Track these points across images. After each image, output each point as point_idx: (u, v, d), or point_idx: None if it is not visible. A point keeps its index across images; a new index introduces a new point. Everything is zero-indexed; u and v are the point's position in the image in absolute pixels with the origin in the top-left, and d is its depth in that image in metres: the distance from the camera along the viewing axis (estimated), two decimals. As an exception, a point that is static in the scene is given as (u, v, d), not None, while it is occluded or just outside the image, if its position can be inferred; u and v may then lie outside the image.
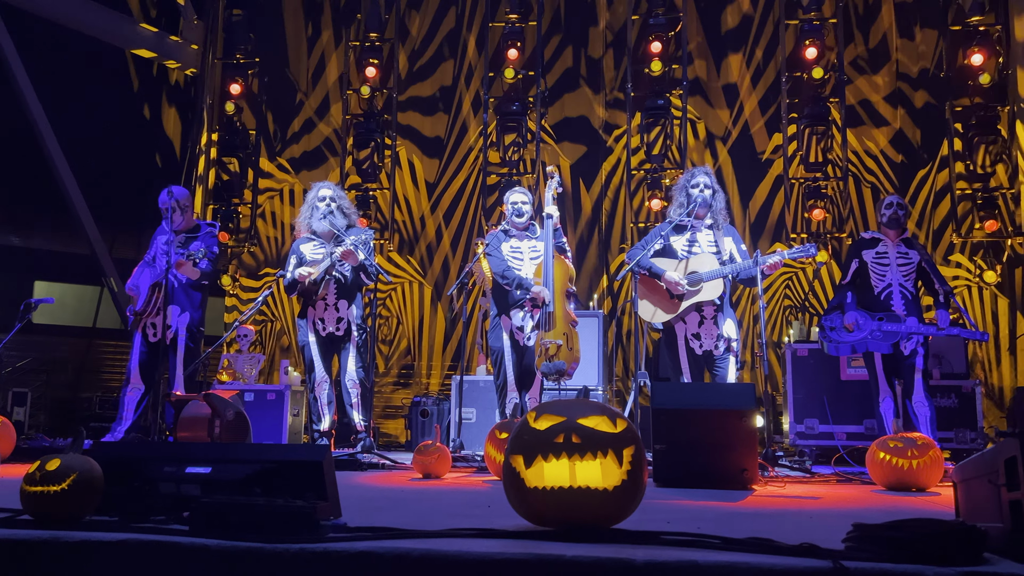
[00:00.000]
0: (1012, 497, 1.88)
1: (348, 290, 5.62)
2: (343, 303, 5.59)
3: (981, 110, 7.66)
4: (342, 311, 5.60)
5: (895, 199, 5.46)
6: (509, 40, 8.40)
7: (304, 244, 5.72)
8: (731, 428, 3.88)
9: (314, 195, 5.76)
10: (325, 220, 5.61)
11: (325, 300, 5.59)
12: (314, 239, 5.70)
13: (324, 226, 5.60)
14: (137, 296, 5.72)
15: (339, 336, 5.62)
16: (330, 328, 5.59)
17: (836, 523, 2.47)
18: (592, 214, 8.53)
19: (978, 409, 6.24)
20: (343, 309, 5.60)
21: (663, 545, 2.08)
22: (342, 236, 5.51)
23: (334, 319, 5.60)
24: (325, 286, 5.57)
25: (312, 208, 5.70)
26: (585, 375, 6.42)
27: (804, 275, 8.04)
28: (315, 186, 5.87)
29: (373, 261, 5.65)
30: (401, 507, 3.14)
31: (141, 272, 5.82)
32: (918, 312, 5.29)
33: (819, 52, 7.89)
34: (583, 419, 2.29)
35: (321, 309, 5.61)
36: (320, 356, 5.62)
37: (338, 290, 5.59)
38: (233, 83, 8.77)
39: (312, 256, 5.61)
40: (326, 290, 5.57)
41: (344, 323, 5.60)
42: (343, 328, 5.60)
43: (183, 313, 5.75)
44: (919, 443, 3.94)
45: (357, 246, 5.45)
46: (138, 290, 5.72)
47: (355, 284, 5.67)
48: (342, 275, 5.59)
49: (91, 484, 2.31)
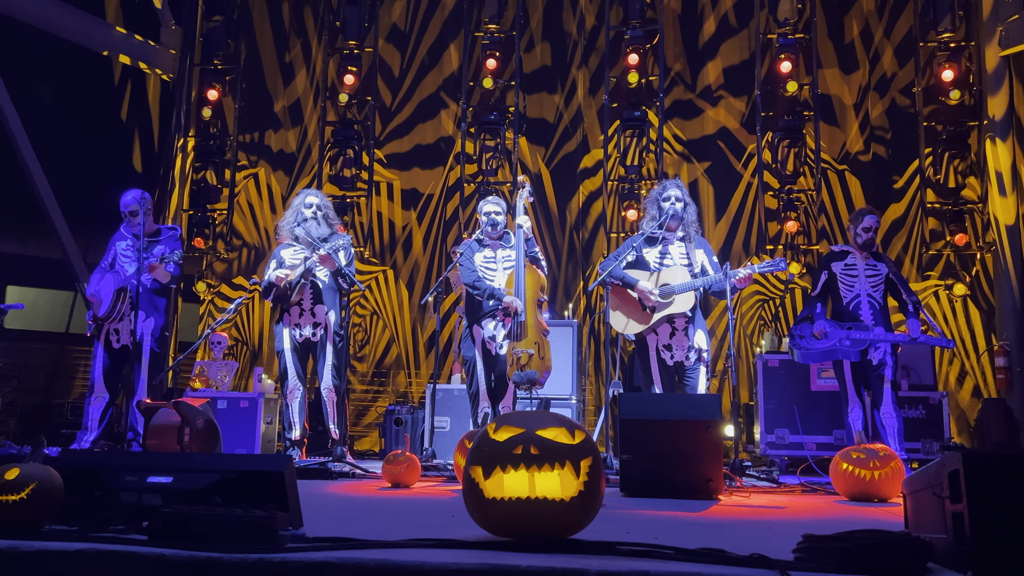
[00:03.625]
0: (955, 509, 1.93)
1: (325, 296, 5.64)
2: (320, 308, 5.60)
3: (952, 125, 7.78)
4: (319, 316, 5.61)
5: (874, 222, 5.47)
6: (488, 50, 8.44)
7: (284, 249, 5.75)
8: (697, 439, 3.92)
9: (300, 201, 5.78)
10: (300, 228, 5.64)
11: (300, 305, 5.61)
12: (295, 244, 5.74)
13: (302, 233, 5.63)
14: (99, 303, 5.67)
15: (314, 342, 5.63)
16: (306, 334, 5.60)
17: (793, 533, 2.50)
18: (568, 224, 8.57)
19: (945, 420, 6.34)
20: (320, 314, 5.61)
21: (618, 555, 2.11)
22: (317, 244, 5.53)
23: (310, 324, 5.61)
24: (300, 291, 5.59)
25: (296, 213, 5.73)
26: (559, 384, 6.46)
27: (775, 288, 8.11)
28: (301, 192, 5.90)
29: (353, 268, 5.68)
30: (365, 517, 3.16)
31: (101, 278, 5.77)
32: (886, 322, 5.38)
33: (793, 66, 7.99)
34: (542, 431, 2.32)
35: (296, 314, 5.63)
36: (294, 364, 5.63)
37: (314, 295, 5.61)
38: (211, 89, 8.76)
39: (291, 261, 5.64)
40: (300, 295, 5.59)
41: (320, 328, 5.61)
42: (319, 334, 5.61)
43: (148, 318, 5.73)
44: (881, 454, 4.00)
45: (335, 252, 5.48)
46: (99, 296, 5.68)
47: (333, 289, 5.68)
48: (319, 281, 5.60)
49: (50, 493, 2.31)
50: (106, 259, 5.91)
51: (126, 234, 5.90)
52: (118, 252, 5.87)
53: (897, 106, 8.20)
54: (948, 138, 7.77)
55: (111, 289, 5.66)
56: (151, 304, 5.77)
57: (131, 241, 5.81)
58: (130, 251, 5.80)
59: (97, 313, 5.67)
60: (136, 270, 5.53)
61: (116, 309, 5.62)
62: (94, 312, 5.71)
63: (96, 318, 5.69)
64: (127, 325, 5.68)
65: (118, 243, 5.91)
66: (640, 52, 8.21)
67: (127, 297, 5.62)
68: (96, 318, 5.69)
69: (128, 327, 5.67)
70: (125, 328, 5.71)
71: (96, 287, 5.74)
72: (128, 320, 5.66)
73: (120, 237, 5.93)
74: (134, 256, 5.72)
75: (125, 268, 5.77)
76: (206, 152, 8.82)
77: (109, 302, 5.63)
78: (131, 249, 5.79)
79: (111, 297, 5.64)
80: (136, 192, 5.84)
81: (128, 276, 5.69)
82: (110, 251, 5.92)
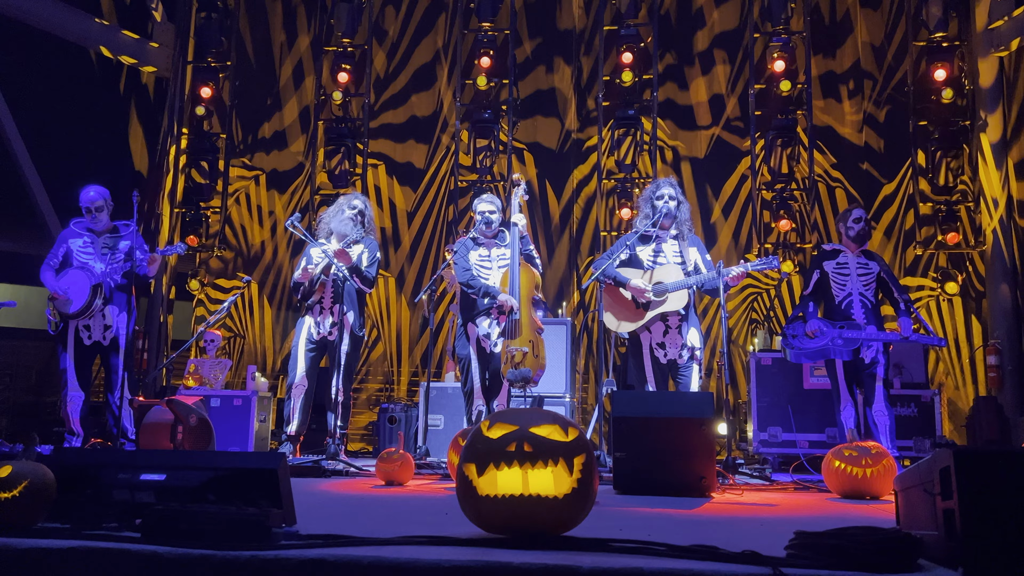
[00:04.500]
0: (946, 506, 1.94)
1: (345, 295, 5.61)
2: (338, 307, 5.58)
3: (944, 124, 7.81)
4: (336, 315, 5.59)
5: (862, 213, 5.57)
6: (481, 48, 8.44)
7: (314, 248, 5.73)
8: (690, 436, 3.94)
9: (346, 201, 5.80)
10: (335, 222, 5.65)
11: (321, 303, 5.61)
12: (325, 244, 5.71)
13: (341, 228, 5.63)
14: (69, 300, 5.62)
15: (331, 340, 5.60)
16: (324, 333, 5.59)
17: (785, 530, 2.51)
18: (562, 222, 8.59)
19: (937, 418, 6.37)
20: (337, 313, 5.58)
21: (611, 552, 2.12)
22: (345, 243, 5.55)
23: (328, 323, 5.59)
24: (321, 288, 5.59)
25: (339, 211, 5.74)
26: (553, 382, 6.47)
27: (768, 285, 8.14)
28: (351, 194, 5.95)
29: (373, 270, 5.68)
30: (359, 514, 3.16)
31: (64, 275, 5.71)
32: (878, 321, 5.39)
33: (787, 65, 8.00)
34: (535, 428, 2.32)
35: (317, 312, 5.63)
36: (306, 359, 5.60)
37: (334, 294, 5.60)
38: (204, 86, 8.73)
39: (317, 260, 5.64)
40: (321, 292, 5.59)
41: (338, 327, 5.58)
42: (336, 333, 5.58)
43: (121, 313, 5.73)
44: (873, 452, 4.02)
45: (362, 253, 5.50)
46: (69, 294, 5.63)
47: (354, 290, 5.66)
48: (339, 277, 5.57)
49: (43, 491, 2.30)
50: (55, 256, 5.78)
51: (79, 231, 5.84)
52: (76, 249, 5.80)
53: (890, 105, 8.22)
54: (940, 137, 7.80)
55: (84, 286, 5.62)
56: (124, 300, 5.77)
57: (89, 238, 5.79)
58: (90, 247, 5.77)
59: (67, 311, 5.61)
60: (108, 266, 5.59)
61: (92, 305, 5.60)
62: (62, 310, 5.64)
63: (64, 316, 5.63)
64: (99, 321, 5.67)
65: (71, 240, 5.81)
66: (634, 51, 8.22)
67: (102, 293, 5.62)
68: (64, 316, 5.63)
69: (100, 323, 5.67)
70: (96, 324, 5.68)
71: (61, 284, 5.64)
72: (100, 316, 5.65)
73: (73, 235, 5.83)
74: (97, 253, 5.71)
75: (93, 266, 5.71)
76: (199, 149, 8.80)
77: (84, 299, 5.59)
78: (90, 246, 5.77)
79: (86, 294, 5.61)
80: (100, 188, 5.84)
81: (103, 272, 5.67)
82: (60, 248, 5.81)
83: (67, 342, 5.69)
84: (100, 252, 5.74)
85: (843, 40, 8.44)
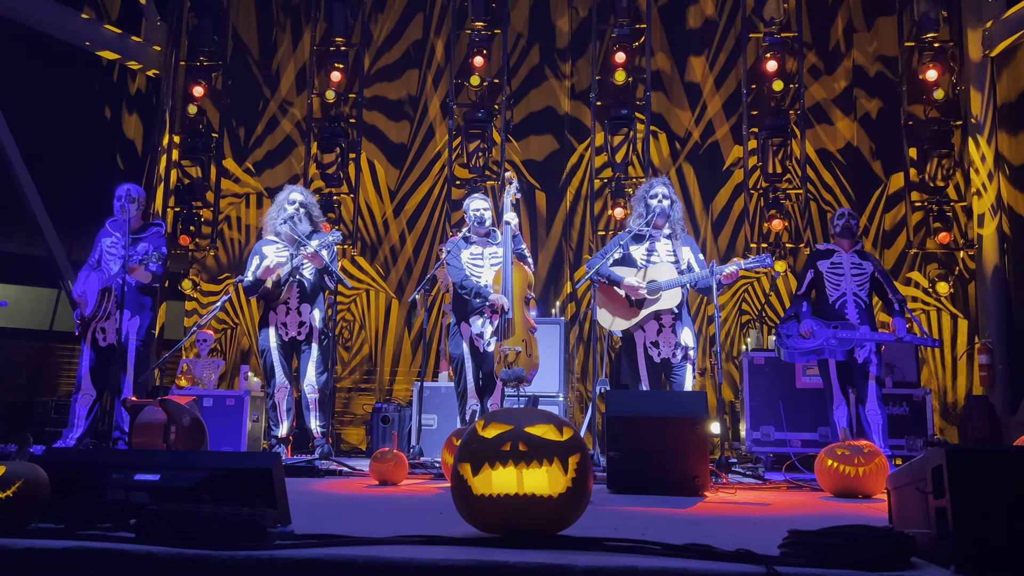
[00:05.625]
0: (938, 504, 1.95)
1: (311, 294, 5.62)
2: (305, 307, 5.59)
3: (935, 124, 7.84)
4: (304, 315, 5.60)
5: (846, 210, 5.65)
6: (475, 48, 8.44)
7: (267, 246, 5.70)
8: (683, 436, 3.95)
9: (284, 197, 5.74)
10: (286, 225, 5.61)
11: (287, 304, 5.58)
12: (278, 241, 5.69)
13: (287, 229, 5.59)
14: (85, 302, 5.65)
15: (299, 340, 5.62)
16: (292, 333, 5.59)
17: (778, 529, 2.52)
18: (556, 221, 8.59)
19: (929, 417, 6.40)
20: (305, 313, 5.60)
21: (605, 551, 2.12)
22: (303, 241, 5.51)
23: (296, 323, 5.59)
24: (288, 289, 5.56)
25: (280, 209, 5.69)
26: (546, 382, 6.47)
27: (760, 285, 8.16)
28: (286, 188, 5.85)
29: (337, 266, 5.67)
30: (353, 514, 3.16)
31: (87, 277, 5.75)
32: (871, 321, 5.42)
33: (779, 65, 8.02)
34: (530, 427, 2.33)
35: (283, 313, 5.60)
36: (280, 362, 5.60)
37: (300, 294, 5.59)
38: (196, 85, 8.70)
39: (275, 259, 5.60)
40: (288, 293, 5.57)
41: (306, 327, 5.60)
42: (304, 332, 5.60)
43: (133, 317, 5.72)
44: (865, 451, 4.04)
45: (322, 249, 5.46)
46: (85, 296, 5.66)
47: (319, 288, 5.67)
48: (304, 279, 5.58)
49: (37, 491, 2.30)
50: (93, 256, 5.89)
51: (112, 230, 5.87)
52: (104, 249, 5.84)
53: (881, 105, 8.25)
54: (932, 137, 7.83)
55: (96, 288, 5.64)
56: (137, 303, 5.75)
57: (116, 238, 5.78)
58: (115, 248, 5.77)
59: (84, 313, 5.64)
60: (121, 268, 5.52)
61: (102, 308, 5.59)
62: (80, 311, 5.68)
63: (83, 317, 5.66)
64: (113, 324, 5.66)
65: (103, 240, 5.89)
66: (627, 51, 8.23)
67: (112, 296, 5.60)
68: (83, 317, 5.66)
69: (114, 326, 5.66)
70: (111, 327, 5.69)
71: (83, 286, 5.71)
72: (114, 319, 5.64)
73: (106, 234, 5.91)
74: (119, 253, 5.69)
75: (110, 266, 5.75)
76: (191, 149, 8.78)
77: (94, 302, 5.60)
78: (116, 246, 5.76)
79: (96, 296, 5.61)
80: (135, 186, 5.91)
81: (113, 275, 5.66)
82: (96, 248, 5.89)
83: (85, 343, 5.74)
84: (121, 253, 5.73)
85: (834, 41, 8.46)
